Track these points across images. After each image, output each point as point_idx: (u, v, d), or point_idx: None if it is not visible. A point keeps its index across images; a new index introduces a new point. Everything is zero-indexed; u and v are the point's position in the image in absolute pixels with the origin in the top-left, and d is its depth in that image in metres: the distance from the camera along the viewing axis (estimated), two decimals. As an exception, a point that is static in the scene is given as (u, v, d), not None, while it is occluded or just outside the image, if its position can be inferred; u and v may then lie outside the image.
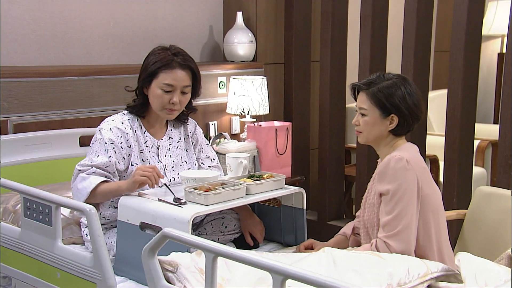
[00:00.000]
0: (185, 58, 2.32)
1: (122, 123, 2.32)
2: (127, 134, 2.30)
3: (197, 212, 2.03)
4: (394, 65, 3.51)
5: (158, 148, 2.38)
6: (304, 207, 2.39)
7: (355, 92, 2.23)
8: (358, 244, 2.27)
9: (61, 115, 2.95)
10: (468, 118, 3.11)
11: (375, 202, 2.14)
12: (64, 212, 2.40)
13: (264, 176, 2.32)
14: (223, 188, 2.16)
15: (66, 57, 3.20)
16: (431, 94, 4.01)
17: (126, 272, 2.14)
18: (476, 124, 3.18)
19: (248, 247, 2.38)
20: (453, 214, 2.57)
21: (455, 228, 2.72)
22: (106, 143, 2.26)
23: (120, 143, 2.28)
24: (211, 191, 2.11)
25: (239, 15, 3.68)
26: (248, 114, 3.46)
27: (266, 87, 3.53)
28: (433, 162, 3.82)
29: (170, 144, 2.42)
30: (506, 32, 4.86)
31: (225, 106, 3.58)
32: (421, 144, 3.30)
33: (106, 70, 3.13)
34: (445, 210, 2.24)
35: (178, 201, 2.10)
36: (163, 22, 3.57)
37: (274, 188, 2.30)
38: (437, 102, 4.33)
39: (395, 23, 3.83)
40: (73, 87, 2.99)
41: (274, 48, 3.86)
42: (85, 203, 2.16)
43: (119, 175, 2.30)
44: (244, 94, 3.44)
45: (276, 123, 3.41)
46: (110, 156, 2.25)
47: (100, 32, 3.32)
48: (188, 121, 2.49)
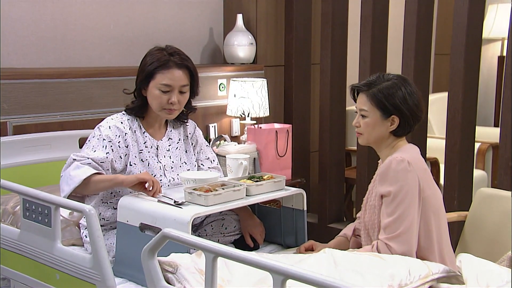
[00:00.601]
0: (181, 58, 2.31)
1: (122, 123, 2.31)
2: (125, 133, 2.30)
3: (197, 213, 2.02)
4: (394, 67, 3.50)
5: (157, 148, 2.37)
6: (305, 209, 2.38)
7: (354, 94, 2.22)
8: (359, 245, 2.26)
9: (60, 116, 2.94)
10: (468, 120, 3.10)
11: (376, 204, 2.14)
12: (64, 213, 2.40)
13: (264, 177, 2.32)
14: (223, 189, 2.15)
15: (66, 59, 3.19)
16: (431, 97, 4.00)
17: (125, 273, 2.13)
18: (476, 127, 3.18)
19: (248, 249, 2.37)
20: (454, 216, 2.56)
21: (456, 230, 2.71)
22: (104, 140, 2.26)
23: (118, 142, 2.27)
24: (211, 192, 2.10)
25: (239, 17, 3.68)
26: (248, 116, 3.46)
27: (266, 89, 3.53)
28: (433, 164, 3.81)
29: (169, 145, 2.41)
30: (506, 35, 4.89)
31: (225, 108, 3.57)
32: (421, 146, 3.28)
33: (106, 71, 3.13)
34: (446, 212, 2.23)
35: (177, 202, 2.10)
36: (163, 24, 3.57)
37: (274, 189, 2.30)
38: (437, 105, 4.32)
39: (396, 25, 3.82)
40: (73, 88, 2.98)
41: (274, 50, 3.86)
42: (73, 192, 2.17)
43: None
44: (244, 96, 3.43)
45: (276, 125, 3.41)
46: (108, 152, 2.25)
47: (100, 34, 3.32)
48: (187, 121, 2.49)
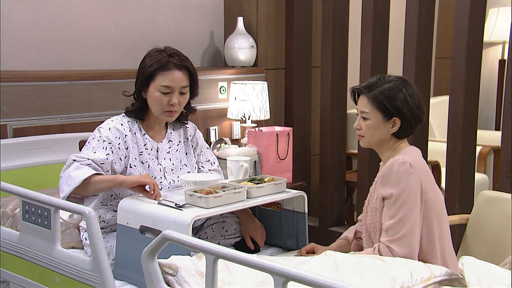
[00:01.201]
0: (181, 59, 2.31)
1: (122, 124, 2.31)
2: (125, 135, 2.29)
3: (197, 215, 2.01)
4: (395, 71, 3.47)
5: (157, 150, 2.36)
6: (306, 211, 2.37)
7: (355, 96, 2.21)
8: (360, 248, 2.25)
9: (61, 119, 2.94)
10: (470, 123, 3.10)
11: (377, 206, 2.12)
12: (63, 216, 2.38)
13: (265, 180, 2.31)
14: (223, 191, 2.14)
15: (66, 61, 3.19)
16: (432, 101, 3.99)
17: (125, 276, 2.12)
18: (477, 131, 3.17)
19: (249, 251, 2.36)
20: (456, 218, 2.56)
21: (457, 233, 2.70)
22: (104, 141, 2.25)
23: (118, 144, 2.27)
24: (212, 194, 2.09)
25: (240, 20, 3.67)
26: (249, 119, 3.45)
27: (267, 92, 3.52)
28: (434, 168, 3.80)
29: (169, 147, 2.40)
30: (507, 39, 4.92)
31: (225, 111, 3.57)
32: (422, 150, 3.22)
33: (106, 74, 3.12)
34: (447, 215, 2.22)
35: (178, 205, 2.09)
36: (163, 27, 3.57)
37: (275, 191, 2.28)
38: (438, 109, 4.32)
39: (396, 28, 3.82)
40: (73, 91, 2.98)
41: (275, 53, 3.85)
42: (73, 192, 2.16)
43: None
44: (245, 99, 3.42)
45: (277, 128, 3.40)
46: (108, 154, 2.24)
47: (100, 37, 3.31)
48: (187, 122, 2.48)
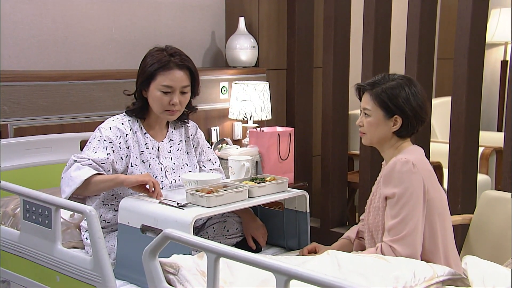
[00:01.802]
0: (182, 58, 2.30)
1: (122, 124, 2.30)
2: (126, 134, 2.28)
3: (198, 214, 1.99)
4: (397, 71, 3.41)
5: (158, 150, 2.35)
6: (308, 211, 2.36)
7: (359, 93, 2.21)
8: (362, 248, 2.24)
9: (61, 119, 2.93)
10: (472, 123, 3.08)
11: (380, 206, 2.11)
12: (64, 215, 2.38)
13: (267, 179, 2.29)
14: (225, 190, 2.13)
15: (67, 62, 3.18)
16: (434, 102, 3.98)
17: (126, 276, 2.11)
18: (480, 132, 3.15)
19: (250, 251, 2.33)
20: (458, 219, 2.54)
21: (460, 233, 2.68)
22: (105, 141, 2.24)
23: (119, 143, 2.26)
24: (213, 193, 2.08)
25: (241, 20, 3.66)
26: (250, 120, 3.44)
27: (269, 92, 3.51)
28: (436, 169, 3.78)
29: (170, 147, 2.39)
30: (509, 39, 4.91)
31: (227, 111, 3.56)
32: (425, 151, 3.25)
33: (107, 74, 3.12)
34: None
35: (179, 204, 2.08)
36: (165, 28, 3.56)
37: (277, 191, 2.27)
38: (440, 110, 4.31)
39: (398, 29, 3.81)
40: (74, 91, 2.97)
41: (276, 53, 3.85)
42: (74, 193, 2.15)
43: None
44: (246, 99, 3.42)
45: (279, 129, 3.39)
46: (108, 153, 2.23)
47: (101, 37, 3.31)
48: (189, 121, 2.47)
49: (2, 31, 2.93)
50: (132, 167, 2.28)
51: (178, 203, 2.07)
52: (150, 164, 2.31)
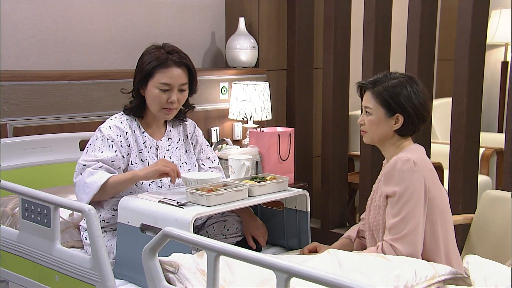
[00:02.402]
0: (180, 56, 2.29)
1: (121, 122, 2.29)
2: (126, 133, 2.27)
3: (198, 213, 1.98)
4: (397, 70, 3.48)
5: (157, 148, 2.34)
6: (308, 210, 2.34)
7: (361, 91, 2.20)
8: (363, 247, 2.23)
9: (61, 119, 2.92)
10: (473, 124, 3.08)
11: (380, 204, 2.10)
12: (63, 215, 2.36)
13: (267, 178, 2.28)
14: (225, 189, 2.12)
15: (67, 62, 3.17)
16: (435, 102, 3.98)
17: (126, 275, 2.09)
18: (480, 133, 3.14)
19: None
20: (459, 218, 2.53)
21: (461, 233, 2.67)
22: (108, 139, 2.23)
23: (120, 142, 2.25)
24: (213, 192, 2.07)
25: (241, 21, 3.66)
26: (250, 120, 3.43)
27: (269, 92, 3.50)
28: (437, 169, 3.72)
29: (169, 145, 2.38)
30: (509, 40, 4.91)
31: (227, 111, 3.55)
32: (425, 152, 3.26)
33: (107, 74, 3.11)
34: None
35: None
36: (165, 28, 3.55)
37: (277, 190, 2.26)
38: (440, 111, 4.30)
39: (399, 30, 3.81)
40: (73, 91, 2.96)
41: (276, 54, 3.84)
42: (92, 199, 2.15)
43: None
44: (246, 100, 3.41)
45: (279, 129, 3.38)
46: (116, 150, 2.22)
47: (101, 37, 3.30)
48: (186, 119, 2.46)
49: (2, 31, 2.92)
50: (132, 165, 2.27)
51: (178, 202, 2.06)
52: (148, 163, 2.30)
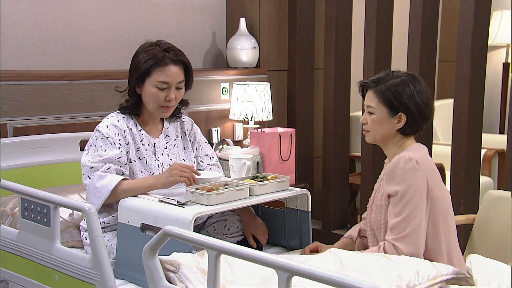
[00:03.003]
0: (176, 53, 2.28)
1: (118, 121, 2.28)
2: (123, 131, 2.26)
3: (199, 212, 1.97)
4: (399, 70, 3.47)
5: (154, 146, 2.33)
6: (309, 210, 2.33)
7: (363, 90, 2.18)
8: (365, 247, 2.21)
9: (61, 119, 2.91)
10: (474, 124, 3.06)
11: (382, 204, 2.09)
12: (63, 214, 2.35)
13: (268, 178, 2.27)
14: (226, 188, 2.11)
15: (67, 62, 3.17)
16: (436, 104, 3.95)
17: (126, 275, 2.09)
18: (482, 134, 3.13)
19: None
20: (462, 218, 2.52)
21: (463, 233, 2.66)
22: (108, 138, 2.22)
23: (119, 140, 2.24)
24: (214, 191, 2.06)
25: (242, 21, 3.65)
26: (251, 120, 3.42)
27: (270, 92, 3.49)
28: (439, 170, 3.75)
29: (167, 143, 2.37)
30: (510, 42, 4.89)
31: (228, 112, 3.54)
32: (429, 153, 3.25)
33: (107, 74, 3.10)
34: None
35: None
36: (165, 28, 3.54)
37: (278, 189, 2.25)
38: (442, 112, 4.28)
39: (400, 32, 3.79)
40: (74, 91, 2.95)
41: (277, 54, 3.83)
42: (105, 202, 2.14)
43: None
44: (247, 100, 3.40)
45: (280, 129, 3.36)
46: (119, 147, 2.21)
47: (102, 37, 3.29)
48: (182, 115, 2.45)
49: (2, 30, 2.92)
50: (131, 163, 2.26)
51: (178, 201, 2.05)
52: (146, 161, 2.29)
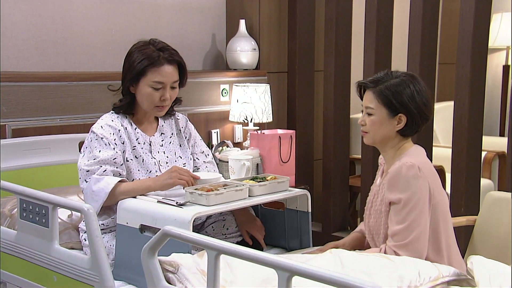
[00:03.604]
0: (171, 53, 2.27)
1: (112, 121, 2.27)
2: (118, 130, 2.25)
3: (198, 212, 1.96)
4: (398, 70, 3.46)
5: (150, 144, 2.32)
6: (309, 210, 2.32)
7: (361, 91, 2.16)
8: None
9: (60, 120, 2.90)
10: (475, 126, 3.05)
11: (382, 209, 2.06)
12: (62, 216, 2.34)
13: (267, 178, 2.26)
14: (225, 189, 2.09)
15: (66, 63, 3.16)
16: (436, 106, 3.96)
17: (125, 276, 2.07)
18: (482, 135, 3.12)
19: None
20: (462, 220, 2.50)
21: (464, 235, 2.65)
22: (102, 138, 2.21)
23: (114, 140, 2.23)
24: (213, 191, 2.05)
25: (242, 23, 3.64)
26: (251, 122, 3.41)
27: (270, 94, 3.48)
28: (439, 172, 3.72)
29: (162, 140, 2.36)
30: (510, 44, 4.89)
31: (227, 114, 3.53)
32: (427, 155, 3.23)
33: (106, 75, 3.08)
34: (453, 217, 2.17)
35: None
36: (165, 30, 3.53)
37: (278, 190, 2.24)
38: (442, 114, 4.27)
39: (400, 34, 3.78)
40: (73, 92, 2.94)
41: (277, 56, 3.82)
42: (103, 205, 2.13)
43: None
44: (247, 102, 3.39)
45: (280, 131, 3.35)
46: (114, 147, 2.20)
47: (101, 39, 3.28)
48: (175, 113, 2.44)
49: (2, 32, 2.91)
50: (128, 161, 2.25)
51: (177, 202, 2.04)
52: (143, 159, 2.28)
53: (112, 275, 1.93)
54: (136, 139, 2.29)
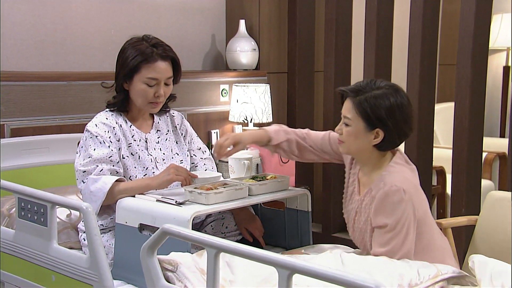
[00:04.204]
0: (165, 49, 2.26)
1: (107, 118, 2.26)
2: (113, 128, 2.24)
3: (197, 211, 1.95)
4: (399, 74, 3.45)
5: (146, 141, 2.31)
6: (309, 210, 2.31)
7: (342, 98, 2.06)
8: None
9: (59, 120, 2.89)
10: (476, 126, 3.04)
11: (368, 230, 2.02)
12: (61, 215, 2.33)
13: (267, 177, 2.25)
14: (224, 188, 2.08)
15: (66, 63, 3.15)
16: (437, 107, 3.95)
17: (124, 276, 2.07)
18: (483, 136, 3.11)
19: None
20: (464, 220, 2.49)
21: (465, 235, 2.64)
22: (97, 137, 2.20)
23: (109, 137, 2.21)
24: (212, 190, 2.04)
25: (242, 23, 3.63)
26: (251, 122, 3.40)
27: (269, 94, 3.48)
28: (440, 173, 3.75)
29: (158, 137, 2.35)
30: (511, 45, 4.88)
31: (227, 114, 3.52)
32: (427, 156, 3.23)
33: (105, 75, 3.07)
34: (453, 217, 2.16)
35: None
36: (165, 30, 3.53)
37: (278, 189, 2.23)
38: (442, 115, 4.26)
39: (400, 35, 3.78)
40: (72, 92, 2.94)
41: (277, 57, 3.81)
42: (102, 204, 2.12)
43: None
44: (247, 102, 3.38)
45: (280, 131, 3.34)
46: (109, 146, 2.18)
47: (100, 39, 3.27)
48: (170, 109, 2.43)
49: (1, 31, 2.90)
50: (124, 159, 2.24)
51: (176, 201, 2.03)
52: (139, 156, 2.27)
53: (111, 274, 1.92)
54: (132, 136, 2.28)
